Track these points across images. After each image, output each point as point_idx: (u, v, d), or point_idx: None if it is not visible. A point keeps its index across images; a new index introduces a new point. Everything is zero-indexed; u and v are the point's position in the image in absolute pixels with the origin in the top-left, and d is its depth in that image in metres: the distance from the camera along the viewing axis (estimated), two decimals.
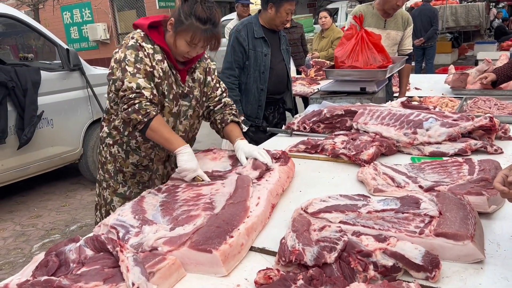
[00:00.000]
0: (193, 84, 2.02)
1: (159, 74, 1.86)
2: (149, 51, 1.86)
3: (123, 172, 2.08)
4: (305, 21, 11.93)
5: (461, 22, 11.84)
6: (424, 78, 4.47)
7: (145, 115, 1.78)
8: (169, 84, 1.91)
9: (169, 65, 1.91)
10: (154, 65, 1.85)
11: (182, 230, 1.36)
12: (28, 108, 4.04)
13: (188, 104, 2.01)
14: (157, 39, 1.89)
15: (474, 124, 2.11)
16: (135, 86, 1.79)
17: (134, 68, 1.81)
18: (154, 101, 1.83)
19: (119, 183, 2.10)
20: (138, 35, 1.88)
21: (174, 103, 1.94)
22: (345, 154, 2.07)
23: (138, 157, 2.04)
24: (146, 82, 1.81)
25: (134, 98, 1.78)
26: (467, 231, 1.23)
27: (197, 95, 2.03)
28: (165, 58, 1.90)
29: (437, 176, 1.75)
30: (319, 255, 1.18)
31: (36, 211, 4.44)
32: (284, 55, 3.20)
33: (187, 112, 2.02)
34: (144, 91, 1.79)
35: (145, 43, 1.87)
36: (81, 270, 1.18)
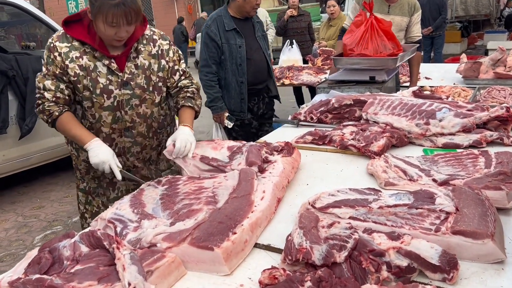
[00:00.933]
0: (136, 71, 1.91)
1: (74, 72, 1.83)
2: (62, 51, 1.83)
3: (79, 169, 2.13)
4: (312, 10, 11.74)
5: (471, 11, 11.62)
6: (434, 68, 4.35)
7: (48, 116, 1.86)
8: (93, 78, 1.85)
9: (96, 57, 1.85)
10: (68, 64, 1.82)
11: (183, 226, 1.29)
12: (29, 97, 3.98)
13: (130, 92, 1.91)
14: (78, 34, 1.84)
15: (489, 114, 2.02)
16: (41, 87, 1.85)
17: (46, 69, 1.85)
18: (59, 101, 1.86)
19: (79, 179, 2.17)
20: (57, 34, 1.88)
21: (105, 96, 1.87)
22: (354, 146, 1.98)
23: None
24: (53, 84, 1.84)
25: (39, 99, 1.86)
26: (487, 228, 1.15)
27: (140, 82, 1.92)
28: (88, 51, 1.84)
29: (452, 169, 1.66)
30: (328, 254, 1.10)
31: (39, 202, 4.39)
32: (261, 42, 3.12)
33: (130, 101, 1.92)
34: (47, 93, 1.84)
35: (59, 42, 1.85)
36: (75, 268, 1.12)
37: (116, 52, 1.88)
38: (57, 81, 1.84)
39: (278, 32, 6.27)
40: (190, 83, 2.07)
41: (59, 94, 1.85)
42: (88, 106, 1.90)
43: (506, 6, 13.94)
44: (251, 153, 1.76)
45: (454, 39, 11.31)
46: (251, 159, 1.71)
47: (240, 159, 1.78)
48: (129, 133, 1.98)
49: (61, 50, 1.83)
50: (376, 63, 2.75)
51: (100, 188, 2.13)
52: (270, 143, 1.93)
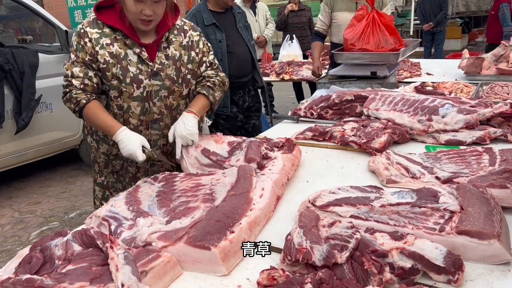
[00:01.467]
0: (166, 62, 1.85)
1: (104, 59, 1.76)
2: (93, 36, 1.76)
3: (98, 162, 2.05)
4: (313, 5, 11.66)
5: (472, 6, 11.57)
6: (435, 63, 4.31)
7: (76, 104, 1.78)
8: (123, 67, 1.78)
9: (127, 45, 1.79)
10: (98, 51, 1.76)
11: (179, 224, 1.25)
12: (25, 91, 3.93)
13: (160, 83, 1.85)
14: (109, 20, 1.78)
15: (493, 111, 1.98)
16: (69, 74, 1.78)
17: (75, 56, 1.78)
18: (87, 89, 1.78)
19: (97, 173, 2.09)
20: (87, 19, 1.82)
21: (135, 86, 1.81)
22: (355, 142, 1.94)
23: (108, 146, 1.96)
24: (81, 71, 1.76)
25: (66, 87, 1.80)
26: (493, 228, 1.11)
27: (171, 73, 1.86)
28: (119, 39, 1.78)
29: (455, 167, 1.62)
30: (329, 255, 1.06)
31: (36, 197, 4.35)
32: (243, 33, 3.01)
33: (159, 92, 1.86)
34: (75, 80, 1.76)
35: (90, 27, 1.78)
36: (66, 268, 1.08)
37: (147, 40, 1.83)
38: (86, 68, 1.77)
39: (279, 26, 6.21)
40: (214, 74, 2.00)
41: (87, 81, 1.77)
42: (115, 96, 1.83)
43: None
44: (250, 149, 1.72)
45: (455, 35, 11.26)
46: (250, 156, 1.67)
47: (239, 155, 1.74)
48: (157, 125, 1.91)
49: (92, 36, 1.76)
50: (378, 58, 2.71)
51: (119, 183, 2.06)
52: (270, 139, 1.89)
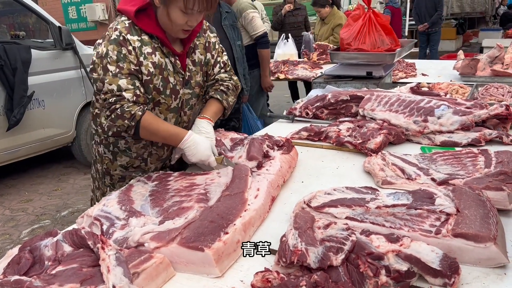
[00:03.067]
0: (194, 68, 1.77)
1: (148, 70, 1.62)
2: (135, 45, 1.60)
3: (111, 174, 1.87)
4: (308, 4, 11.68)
5: (466, 8, 11.63)
6: (431, 64, 4.31)
7: (130, 119, 1.58)
8: (164, 78, 1.67)
9: (165, 54, 1.67)
10: (142, 61, 1.61)
11: (172, 224, 1.23)
12: (17, 88, 3.88)
13: (191, 91, 1.77)
14: (147, 26, 1.62)
15: (489, 112, 1.98)
16: (115, 88, 1.58)
17: (116, 67, 1.58)
18: (139, 101, 1.61)
19: (107, 186, 1.90)
20: (122, 25, 1.62)
21: (173, 97, 1.71)
22: (350, 143, 1.93)
23: (129, 159, 1.82)
24: (129, 82, 1.59)
25: (115, 103, 1.58)
26: (489, 231, 1.10)
27: (199, 80, 1.79)
28: (158, 47, 1.66)
29: (451, 168, 1.62)
30: (324, 257, 1.05)
31: (27, 195, 4.31)
32: (228, 31, 3.03)
33: (190, 101, 1.78)
34: (125, 93, 1.58)
35: (130, 35, 1.60)
36: (56, 269, 1.05)
37: (177, 48, 1.71)
38: (132, 79, 1.59)
39: (275, 26, 6.18)
40: (228, 78, 1.89)
41: (138, 93, 1.60)
42: (151, 108, 1.69)
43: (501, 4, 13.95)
44: (253, 147, 1.70)
45: (449, 36, 11.32)
46: (252, 154, 1.65)
47: (241, 152, 1.73)
48: None
49: (134, 45, 1.59)
50: (374, 58, 2.70)
51: None
52: (272, 136, 1.87)
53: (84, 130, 4.69)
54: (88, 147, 4.76)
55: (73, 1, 17.12)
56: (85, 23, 17.01)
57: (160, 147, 1.83)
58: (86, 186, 4.44)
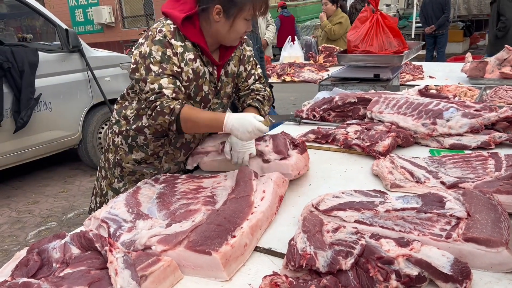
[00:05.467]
0: (226, 79, 1.79)
1: (188, 76, 1.65)
2: (178, 50, 1.62)
3: (122, 166, 1.87)
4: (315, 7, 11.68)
5: (473, 10, 11.56)
6: (438, 67, 4.28)
7: (170, 114, 1.57)
8: (198, 85, 1.69)
9: (204, 63, 1.69)
10: (183, 67, 1.63)
11: (179, 228, 1.22)
12: (25, 90, 3.90)
13: (219, 101, 1.80)
14: (192, 35, 1.63)
15: (498, 115, 1.96)
16: (156, 87, 1.58)
17: (160, 67, 1.59)
18: (179, 97, 1.61)
19: (116, 177, 1.90)
20: (167, 28, 1.62)
21: (202, 105, 1.73)
22: (358, 145, 1.91)
23: (144, 155, 1.83)
24: (170, 82, 1.59)
25: (155, 100, 1.59)
26: (501, 236, 1.09)
27: (228, 91, 1.82)
28: (199, 55, 1.67)
29: (460, 171, 1.60)
30: (334, 261, 1.03)
31: (33, 197, 4.33)
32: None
33: (216, 110, 1.80)
34: (165, 90, 1.58)
35: (174, 39, 1.62)
36: (64, 271, 1.05)
37: (217, 58, 1.74)
38: (174, 79, 1.60)
39: None
40: (263, 88, 1.91)
41: (178, 90, 1.61)
42: None
43: None
44: (279, 141, 1.70)
45: (456, 39, 11.26)
46: (280, 148, 1.66)
47: (267, 143, 1.71)
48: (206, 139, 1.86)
49: (177, 50, 1.62)
50: (381, 60, 2.69)
51: None
52: (288, 134, 1.86)
53: (91, 132, 4.71)
54: (94, 149, 4.78)
55: (80, 4, 17.25)
56: (92, 25, 17.14)
57: (177, 148, 1.84)
58: (92, 188, 4.45)
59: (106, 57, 5.00)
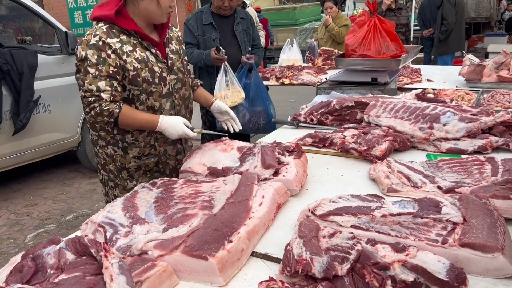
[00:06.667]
0: (174, 56, 1.99)
1: (133, 66, 1.82)
2: (116, 46, 1.79)
3: (126, 168, 2.02)
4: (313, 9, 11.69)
5: (471, 13, 11.56)
6: (436, 70, 4.29)
7: (109, 116, 1.79)
8: (150, 69, 1.86)
9: (145, 47, 1.87)
10: (126, 59, 1.80)
11: (176, 232, 1.22)
12: (24, 92, 3.90)
13: (175, 77, 1.98)
14: (127, 25, 1.82)
15: (495, 119, 1.96)
16: (95, 88, 1.77)
17: (96, 70, 1.77)
18: (116, 99, 1.81)
19: (125, 179, 2.04)
20: (100, 31, 1.80)
21: (162, 84, 1.91)
22: (355, 149, 1.92)
23: (139, 149, 1.98)
24: (107, 84, 1.78)
25: (94, 102, 1.78)
26: (497, 241, 1.09)
27: (180, 66, 2.01)
28: (138, 43, 1.85)
29: (457, 176, 1.60)
30: (330, 266, 1.03)
31: (32, 199, 4.32)
32: (240, 35, 3.38)
33: (176, 85, 1.99)
34: (103, 94, 1.77)
35: (109, 38, 1.79)
36: (59, 277, 1.05)
37: (156, 37, 1.92)
38: (110, 80, 1.79)
39: None
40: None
41: (115, 93, 1.80)
42: (145, 99, 1.89)
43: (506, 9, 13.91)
44: (267, 155, 1.68)
45: None
46: (269, 162, 1.64)
47: (255, 162, 1.69)
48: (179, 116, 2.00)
49: (115, 46, 1.78)
50: (379, 64, 2.69)
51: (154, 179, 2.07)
52: (281, 143, 1.86)
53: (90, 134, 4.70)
54: (93, 152, 4.77)
55: (79, 6, 17.25)
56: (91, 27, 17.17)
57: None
58: (91, 191, 4.45)
59: None
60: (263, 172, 1.61)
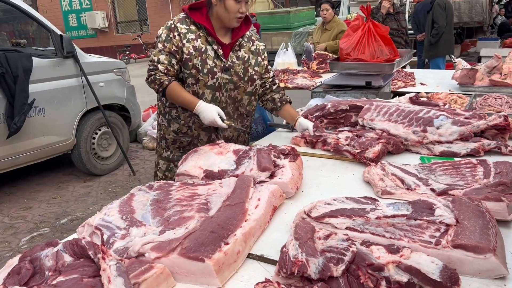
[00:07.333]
0: (236, 61, 2.17)
1: (188, 51, 2.08)
2: (182, 31, 2.09)
3: (166, 138, 2.31)
4: (307, 13, 11.74)
5: (464, 18, 11.67)
6: (430, 73, 4.33)
7: (159, 85, 2.09)
8: (203, 59, 2.09)
9: (208, 42, 2.11)
10: (184, 43, 2.08)
11: (173, 235, 1.23)
12: (18, 95, 3.89)
13: (229, 77, 2.15)
14: (197, 18, 2.11)
15: (487, 123, 1.99)
16: (156, 59, 2.09)
17: (163, 45, 2.09)
18: (170, 73, 2.09)
19: (163, 148, 2.35)
20: (177, 17, 2.15)
21: (210, 76, 2.11)
22: (349, 151, 1.94)
23: (178, 125, 2.25)
24: (167, 59, 2.08)
25: (152, 70, 2.11)
26: (489, 242, 1.11)
27: (239, 71, 2.17)
28: (202, 36, 2.11)
29: (450, 179, 1.63)
30: (325, 268, 1.05)
31: (26, 202, 4.30)
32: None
33: (227, 85, 2.16)
34: (160, 65, 2.08)
35: (180, 24, 2.11)
36: (57, 279, 1.05)
37: (225, 41, 2.15)
38: (170, 57, 2.08)
39: None
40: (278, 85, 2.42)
41: (170, 68, 2.09)
42: (192, 83, 2.12)
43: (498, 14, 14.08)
44: (262, 158, 1.70)
45: None
46: (265, 165, 1.65)
47: (251, 165, 1.70)
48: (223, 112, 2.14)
49: (181, 31, 2.09)
50: (373, 68, 2.72)
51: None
52: (276, 146, 1.88)
53: (84, 138, 4.70)
54: (88, 155, 4.77)
55: (74, 9, 17.24)
56: (85, 30, 17.13)
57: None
58: (86, 194, 4.44)
59: (100, 62, 5.00)
60: (259, 174, 1.62)
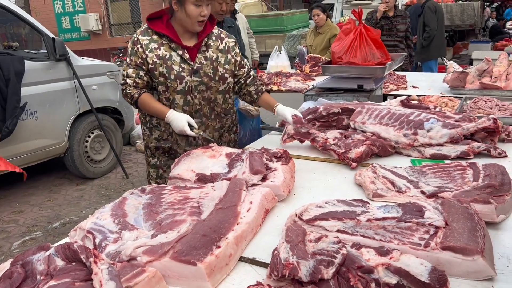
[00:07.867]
0: (205, 62, 2.20)
1: (152, 61, 2.13)
2: (144, 43, 2.14)
3: (149, 147, 2.38)
4: (300, 16, 11.79)
5: (456, 21, 11.77)
6: (421, 76, 4.37)
7: (130, 98, 2.18)
8: (169, 66, 2.13)
9: (173, 48, 2.14)
10: (148, 54, 2.13)
11: (165, 238, 1.24)
12: (10, 99, 3.86)
13: (199, 79, 2.18)
14: (158, 27, 2.15)
15: (477, 125, 2.01)
16: (125, 74, 2.18)
17: (130, 59, 2.17)
18: (139, 85, 2.17)
19: (149, 156, 2.42)
20: (140, 29, 2.20)
21: (178, 81, 2.15)
22: (334, 151, 1.97)
23: (159, 132, 2.31)
24: (134, 72, 2.16)
25: (123, 85, 2.20)
26: (477, 244, 1.13)
27: (208, 72, 2.20)
28: (165, 43, 2.15)
29: (440, 181, 1.64)
30: (315, 270, 1.06)
31: (18, 206, 4.27)
32: None
33: (198, 87, 2.19)
34: (128, 79, 2.17)
35: (142, 35, 2.16)
36: (49, 283, 1.05)
37: (189, 44, 2.18)
38: (137, 69, 2.15)
39: None
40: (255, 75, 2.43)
41: (138, 80, 2.16)
42: (163, 90, 2.18)
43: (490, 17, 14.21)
44: (255, 161, 1.71)
45: None
46: (257, 168, 1.66)
47: (243, 168, 1.71)
48: (198, 114, 2.24)
49: (143, 42, 2.14)
50: (365, 72, 2.74)
51: (171, 161, 2.32)
52: (268, 149, 1.89)
53: (77, 141, 4.68)
54: (81, 158, 4.75)
55: (67, 11, 17.15)
56: (78, 33, 17.03)
57: None
58: (78, 197, 4.42)
59: (93, 65, 4.99)
60: (251, 178, 1.63)
